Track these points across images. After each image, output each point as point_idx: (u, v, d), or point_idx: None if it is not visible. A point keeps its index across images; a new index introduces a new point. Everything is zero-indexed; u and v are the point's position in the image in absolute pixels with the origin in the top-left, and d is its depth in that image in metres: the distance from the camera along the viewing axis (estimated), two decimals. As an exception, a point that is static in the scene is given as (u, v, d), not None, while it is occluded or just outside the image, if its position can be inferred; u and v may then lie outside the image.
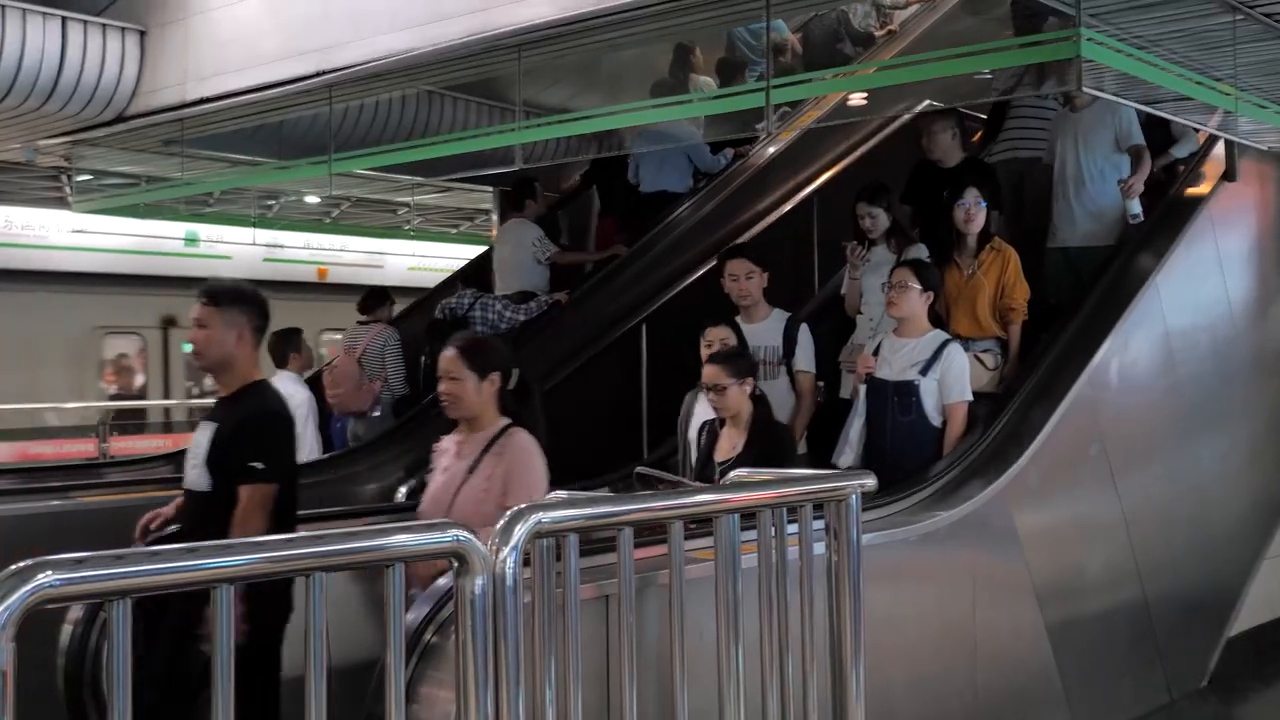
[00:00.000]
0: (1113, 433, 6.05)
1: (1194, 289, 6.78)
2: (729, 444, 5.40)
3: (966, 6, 8.09)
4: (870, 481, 3.79)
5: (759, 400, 5.44)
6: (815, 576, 3.59)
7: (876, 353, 5.74)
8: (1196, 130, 7.30)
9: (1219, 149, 7.10)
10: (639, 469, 6.10)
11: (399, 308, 9.70)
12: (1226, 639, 6.68)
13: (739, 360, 5.49)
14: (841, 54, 9.57)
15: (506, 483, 4.25)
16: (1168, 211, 6.88)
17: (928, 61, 5.95)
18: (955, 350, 5.57)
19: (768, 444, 5.27)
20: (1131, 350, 6.26)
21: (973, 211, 6.25)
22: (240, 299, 4.22)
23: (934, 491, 5.15)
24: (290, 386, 7.40)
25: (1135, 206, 6.67)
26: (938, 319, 5.84)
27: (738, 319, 6.18)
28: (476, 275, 9.75)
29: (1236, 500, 6.95)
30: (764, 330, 6.21)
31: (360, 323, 8.86)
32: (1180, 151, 7.27)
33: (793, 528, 3.52)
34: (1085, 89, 5.14)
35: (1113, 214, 6.84)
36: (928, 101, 7.35)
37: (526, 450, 4.37)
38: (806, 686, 3.53)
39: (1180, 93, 5.80)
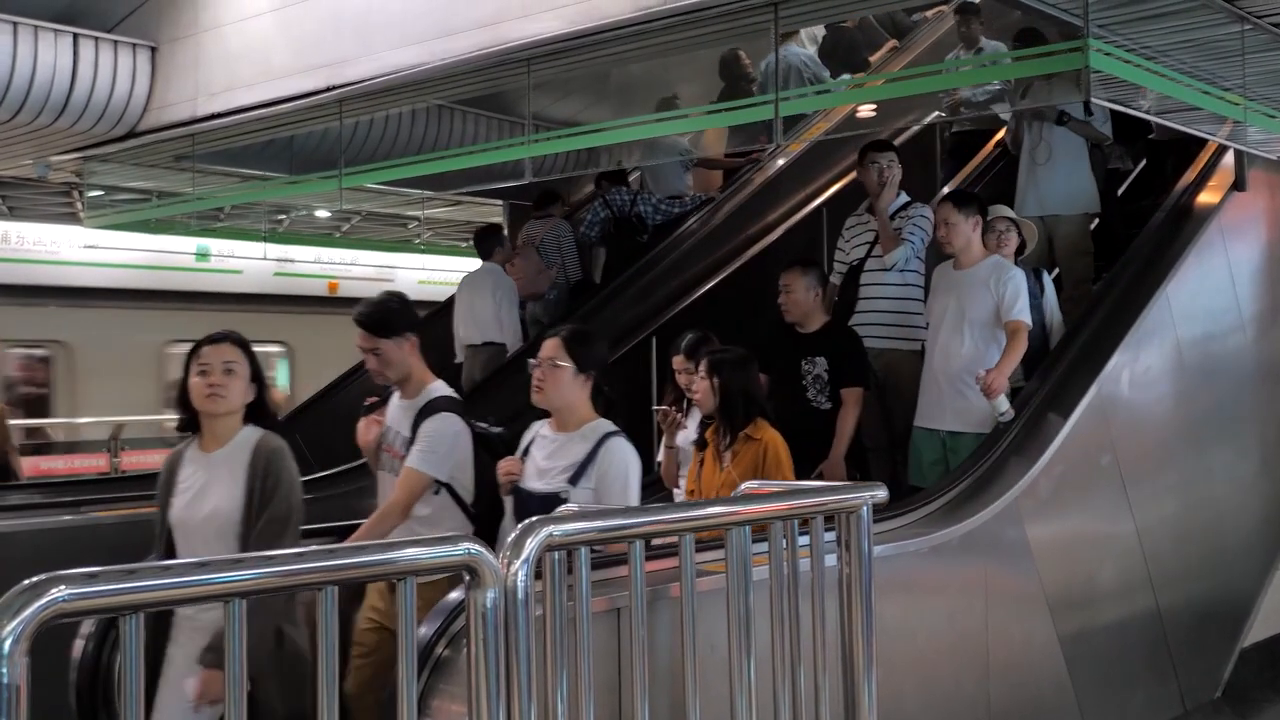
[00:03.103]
0: (1124, 443, 6.04)
1: (1204, 299, 6.77)
2: None
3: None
4: (882, 493, 3.79)
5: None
6: (827, 589, 3.59)
7: (527, 454, 4.49)
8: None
9: (1228, 158, 7.10)
10: None
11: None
12: (1240, 650, 6.66)
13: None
14: None
15: None
16: (1178, 221, 6.87)
17: (937, 74, 5.95)
18: (617, 447, 4.27)
19: None
20: (1142, 360, 6.25)
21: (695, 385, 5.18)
22: None
23: (946, 503, 5.15)
24: (498, 276, 8.74)
25: (1003, 405, 5.65)
26: (609, 406, 4.49)
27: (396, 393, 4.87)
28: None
29: (1249, 510, 6.93)
30: (405, 411, 4.76)
31: (535, 218, 9.57)
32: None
33: (804, 540, 3.52)
34: (1094, 99, 5.14)
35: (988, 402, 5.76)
36: (937, 112, 7.38)
37: None
38: (819, 699, 3.52)
39: (1189, 103, 5.80)
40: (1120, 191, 8.52)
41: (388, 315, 4.70)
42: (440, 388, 4.76)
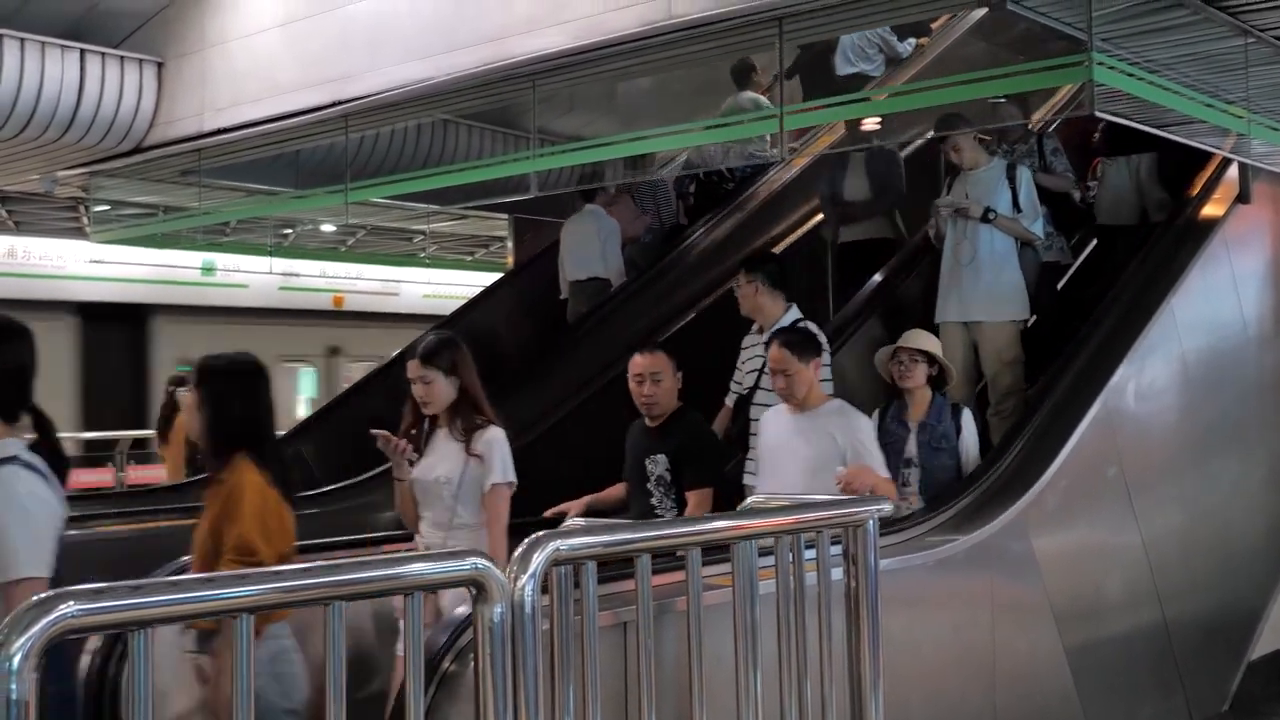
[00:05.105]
0: (1130, 455, 6.03)
1: (1209, 310, 6.77)
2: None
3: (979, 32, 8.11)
4: (887, 507, 3.79)
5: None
6: (833, 602, 3.59)
7: None
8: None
9: (1232, 171, 7.10)
10: None
11: (414, 333, 10.06)
12: (1247, 662, 6.63)
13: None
14: None
15: None
16: (1182, 234, 6.87)
17: (940, 87, 5.95)
18: (8, 480, 3.00)
19: None
20: (1148, 372, 6.24)
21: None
22: None
23: (952, 516, 5.14)
24: (600, 217, 9.04)
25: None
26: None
27: None
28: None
29: (1255, 521, 6.92)
30: None
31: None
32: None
33: (810, 553, 3.52)
34: (1098, 112, 5.15)
35: None
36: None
37: None
38: (825, 712, 3.52)
39: (1192, 116, 5.81)
40: (1061, 284, 7.70)
41: None
42: None
